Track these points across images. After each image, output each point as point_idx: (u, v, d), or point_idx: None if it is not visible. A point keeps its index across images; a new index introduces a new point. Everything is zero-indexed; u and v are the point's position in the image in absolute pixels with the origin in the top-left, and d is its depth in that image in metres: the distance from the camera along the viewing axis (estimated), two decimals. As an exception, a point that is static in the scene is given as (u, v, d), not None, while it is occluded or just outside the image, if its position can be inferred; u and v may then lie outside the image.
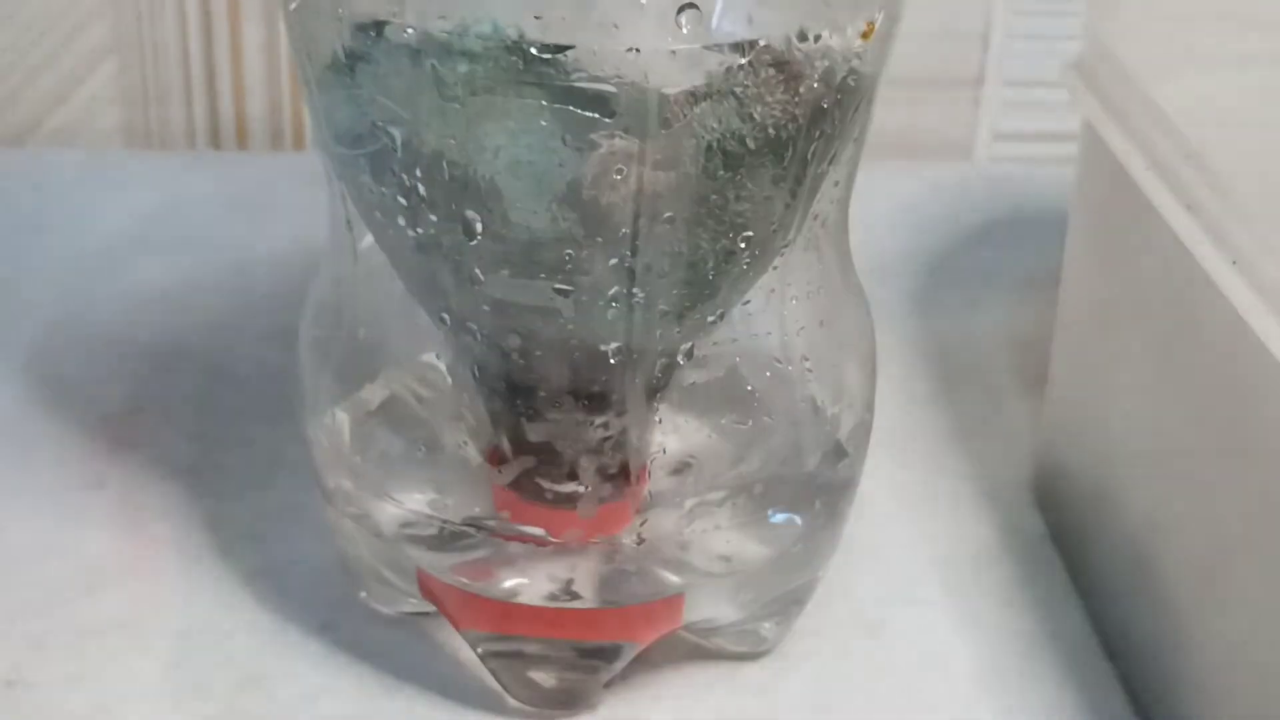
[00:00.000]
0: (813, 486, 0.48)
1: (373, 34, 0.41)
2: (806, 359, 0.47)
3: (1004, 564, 0.54)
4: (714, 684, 0.49)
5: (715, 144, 0.41)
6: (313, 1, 0.42)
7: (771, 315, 0.46)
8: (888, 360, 0.56)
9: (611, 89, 0.40)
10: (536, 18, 0.39)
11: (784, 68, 0.41)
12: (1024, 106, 0.77)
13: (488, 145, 0.40)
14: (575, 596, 0.46)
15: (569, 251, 0.41)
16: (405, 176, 0.42)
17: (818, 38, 0.41)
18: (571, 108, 0.40)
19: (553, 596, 0.46)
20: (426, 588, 0.47)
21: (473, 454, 0.47)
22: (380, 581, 0.49)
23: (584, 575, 0.46)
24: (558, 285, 0.42)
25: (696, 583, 0.46)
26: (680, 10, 0.40)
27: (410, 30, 0.40)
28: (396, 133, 0.41)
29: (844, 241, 0.48)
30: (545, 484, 0.45)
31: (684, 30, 0.40)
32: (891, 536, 0.55)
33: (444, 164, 0.41)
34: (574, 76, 0.40)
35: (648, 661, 0.48)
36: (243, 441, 0.57)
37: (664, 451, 0.47)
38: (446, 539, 0.46)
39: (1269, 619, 0.42)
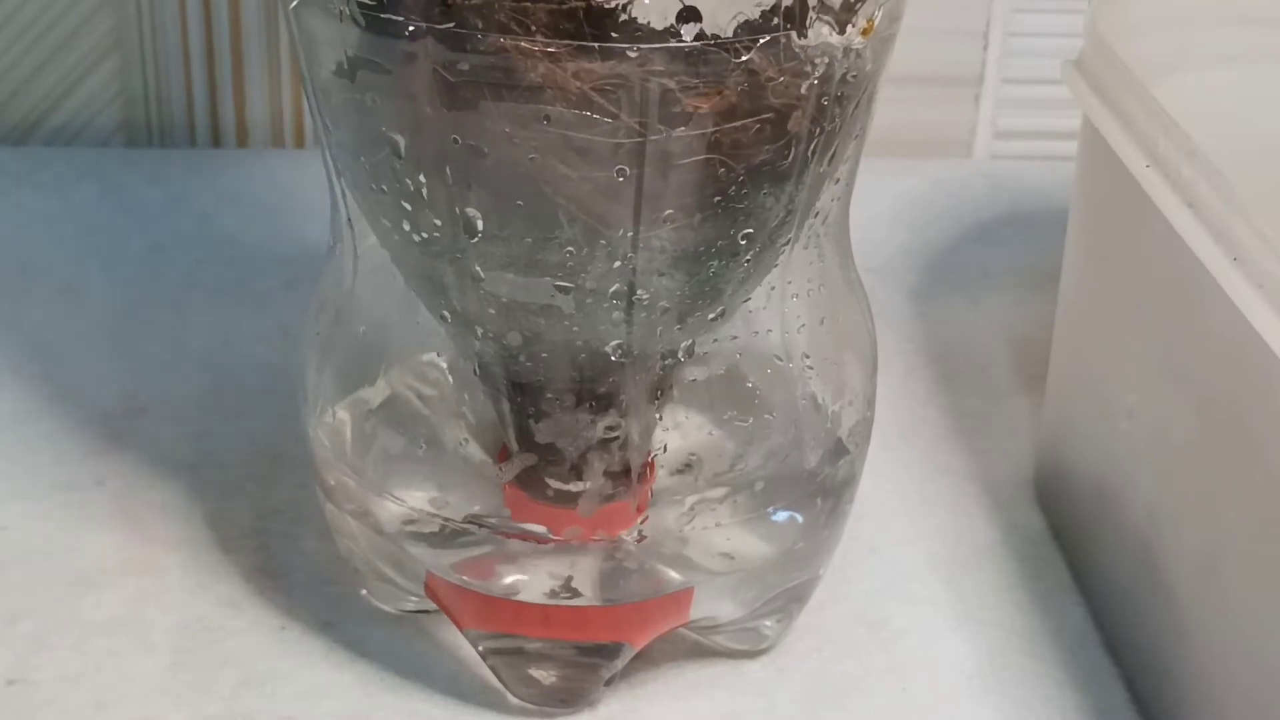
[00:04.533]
0: (814, 484, 0.47)
1: (373, 35, 0.41)
2: (807, 356, 0.47)
3: (1005, 561, 0.54)
4: (714, 682, 0.49)
5: (716, 142, 0.41)
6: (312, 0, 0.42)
7: (772, 313, 0.46)
8: (888, 358, 0.57)
9: (612, 88, 0.40)
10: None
11: (784, 66, 0.41)
12: (1024, 104, 0.77)
13: (489, 147, 0.40)
14: (575, 594, 0.46)
15: (570, 249, 0.41)
16: (407, 177, 0.42)
17: (819, 33, 0.41)
18: (573, 107, 0.40)
19: (553, 594, 0.46)
20: (431, 588, 0.47)
21: (474, 452, 0.47)
22: (381, 579, 0.49)
23: (584, 573, 0.46)
24: (559, 283, 0.42)
25: (697, 580, 0.46)
26: (681, 17, 0.40)
27: (411, 30, 0.40)
28: (397, 134, 0.41)
29: (845, 239, 0.48)
30: (546, 481, 0.45)
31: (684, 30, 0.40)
32: (892, 534, 0.55)
33: (446, 167, 0.41)
34: (575, 76, 0.40)
35: (648, 659, 0.48)
36: (243, 440, 0.57)
37: (664, 449, 0.47)
38: (448, 536, 0.46)
39: (1270, 615, 0.42)
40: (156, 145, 0.74)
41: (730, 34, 0.40)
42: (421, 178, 0.42)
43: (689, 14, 0.40)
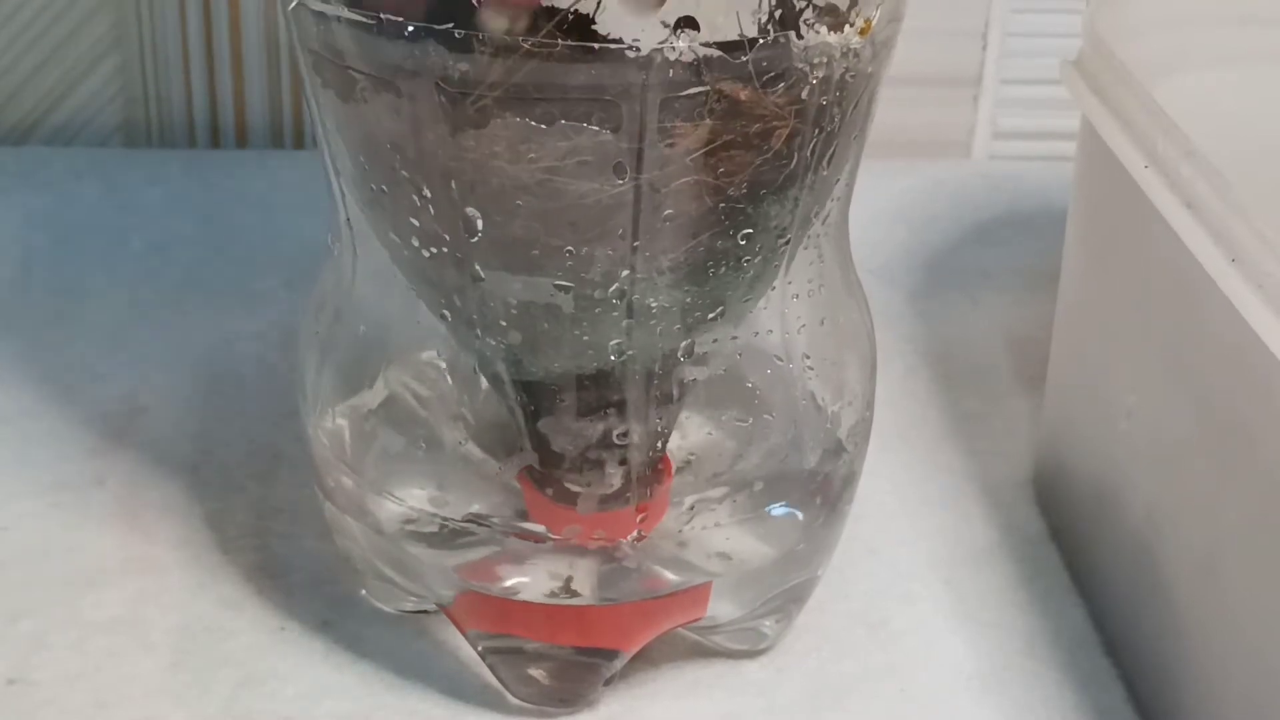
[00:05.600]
0: (813, 484, 0.48)
1: (372, 35, 0.41)
2: (807, 356, 0.47)
3: (1004, 562, 0.54)
4: (714, 682, 0.49)
5: (716, 144, 0.41)
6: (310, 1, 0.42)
7: (773, 313, 0.46)
8: (888, 358, 0.57)
9: (612, 94, 0.40)
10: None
11: (784, 66, 0.41)
12: (1023, 104, 0.77)
13: (488, 149, 0.40)
14: (575, 594, 0.46)
15: (569, 250, 0.41)
16: (406, 178, 0.42)
17: (817, 32, 0.41)
18: (573, 110, 0.40)
19: (553, 594, 0.46)
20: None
21: (473, 451, 0.47)
22: (381, 579, 0.49)
23: (583, 573, 0.46)
24: (559, 282, 0.42)
25: (698, 580, 0.46)
26: (678, 26, 0.40)
27: (410, 31, 0.40)
28: (395, 136, 0.41)
29: (844, 240, 0.48)
30: (555, 480, 0.45)
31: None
32: (891, 535, 0.55)
33: (444, 168, 0.41)
34: (574, 80, 0.40)
35: (648, 659, 0.48)
36: (243, 440, 0.57)
37: (662, 446, 0.47)
38: (447, 536, 0.46)
39: (1270, 615, 0.42)
40: (156, 145, 0.74)
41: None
42: (420, 178, 0.42)
43: (686, 22, 0.40)
